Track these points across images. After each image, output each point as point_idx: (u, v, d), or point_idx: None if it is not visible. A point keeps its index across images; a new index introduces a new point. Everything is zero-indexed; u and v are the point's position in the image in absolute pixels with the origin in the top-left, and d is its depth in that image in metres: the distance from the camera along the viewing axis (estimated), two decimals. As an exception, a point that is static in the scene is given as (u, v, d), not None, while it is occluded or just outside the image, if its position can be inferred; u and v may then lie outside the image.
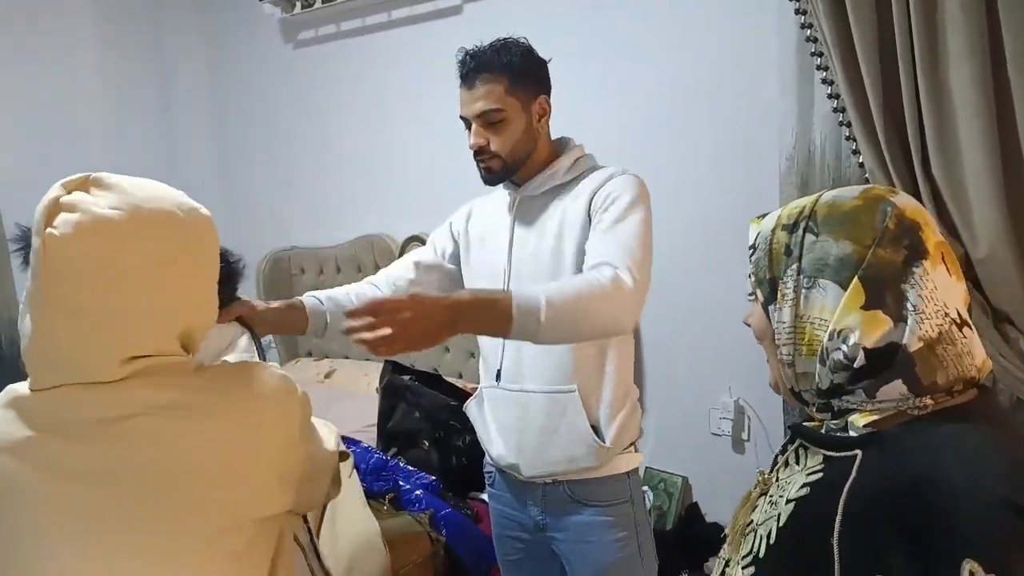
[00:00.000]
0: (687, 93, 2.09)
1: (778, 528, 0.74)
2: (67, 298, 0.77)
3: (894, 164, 1.59)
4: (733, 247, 2.05)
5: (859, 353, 0.69)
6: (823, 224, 0.73)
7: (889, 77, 1.57)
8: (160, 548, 0.79)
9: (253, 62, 3.10)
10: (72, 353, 0.78)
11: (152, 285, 0.79)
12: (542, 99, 1.36)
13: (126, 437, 0.78)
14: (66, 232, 0.76)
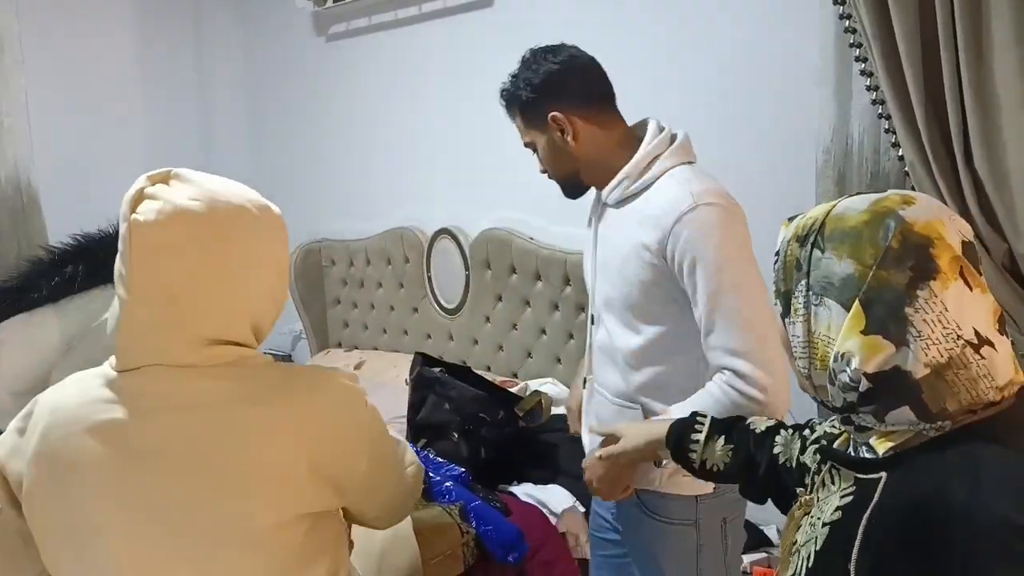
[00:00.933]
0: (723, 85, 2.07)
1: (815, 551, 0.72)
2: (149, 280, 0.83)
3: (935, 157, 1.55)
4: (767, 243, 2.02)
5: (861, 378, 0.67)
6: (829, 239, 0.70)
7: (930, 67, 1.53)
8: (213, 537, 0.84)
9: (286, 55, 3.14)
10: (153, 333, 0.84)
11: (226, 272, 0.85)
12: (552, 117, 1.29)
13: (199, 423, 0.83)
14: (149, 218, 0.82)
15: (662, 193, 1.24)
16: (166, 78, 3.18)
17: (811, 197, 1.84)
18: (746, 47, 2.01)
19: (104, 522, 0.84)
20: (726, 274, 1.17)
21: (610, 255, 1.33)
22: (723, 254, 1.18)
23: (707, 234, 1.18)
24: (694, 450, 1.02)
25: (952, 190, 1.55)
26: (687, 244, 1.18)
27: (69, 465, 0.84)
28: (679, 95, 2.14)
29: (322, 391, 0.90)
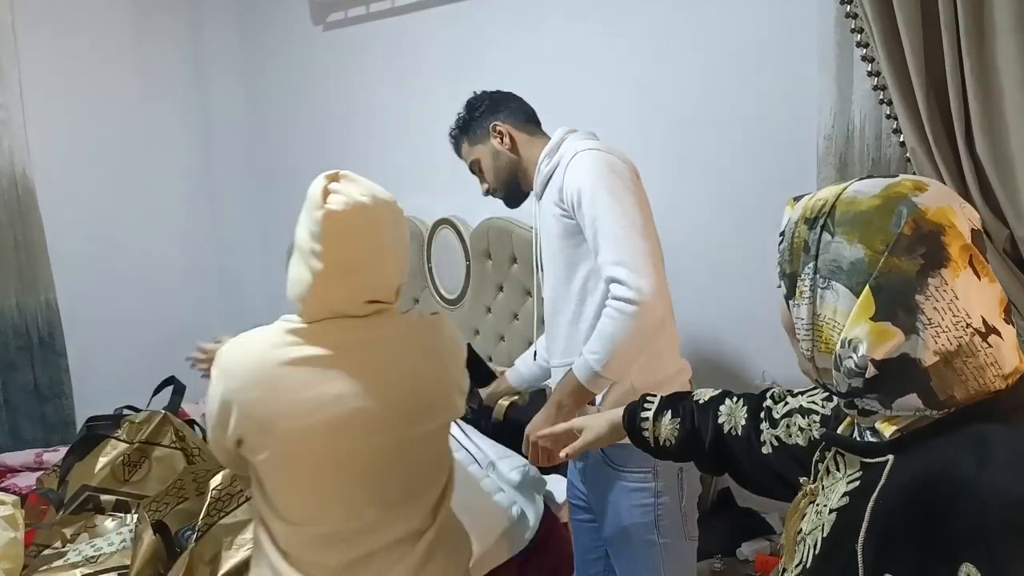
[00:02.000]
0: (723, 70, 2.06)
1: (823, 538, 0.72)
2: (338, 255, 1.10)
3: (937, 143, 1.55)
4: (768, 229, 2.01)
5: (868, 364, 0.66)
6: (839, 223, 0.69)
7: (932, 53, 1.52)
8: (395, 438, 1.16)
9: (283, 44, 3.12)
10: (339, 294, 1.13)
11: (388, 250, 1.15)
12: (493, 126, 1.59)
13: (374, 351, 1.17)
14: (338, 208, 1.10)
15: (561, 159, 1.50)
16: (163, 68, 3.16)
17: (812, 183, 1.83)
18: (746, 32, 2.00)
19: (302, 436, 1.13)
20: (602, 200, 1.40)
21: (544, 234, 1.55)
22: (601, 184, 1.41)
23: (586, 171, 1.43)
24: (645, 428, 1.10)
25: (954, 176, 1.54)
26: (572, 183, 1.43)
27: (272, 392, 1.13)
28: (679, 81, 2.13)
29: (442, 325, 1.25)
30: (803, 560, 0.74)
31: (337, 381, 1.13)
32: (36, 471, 2.31)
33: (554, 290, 1.53)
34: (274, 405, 1.12)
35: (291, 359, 1.13)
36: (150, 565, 1.59)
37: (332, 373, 1.13)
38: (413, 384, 1.18)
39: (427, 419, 1.19)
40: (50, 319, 2.78)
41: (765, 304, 2.15)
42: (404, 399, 1.17)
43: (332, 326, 1.15)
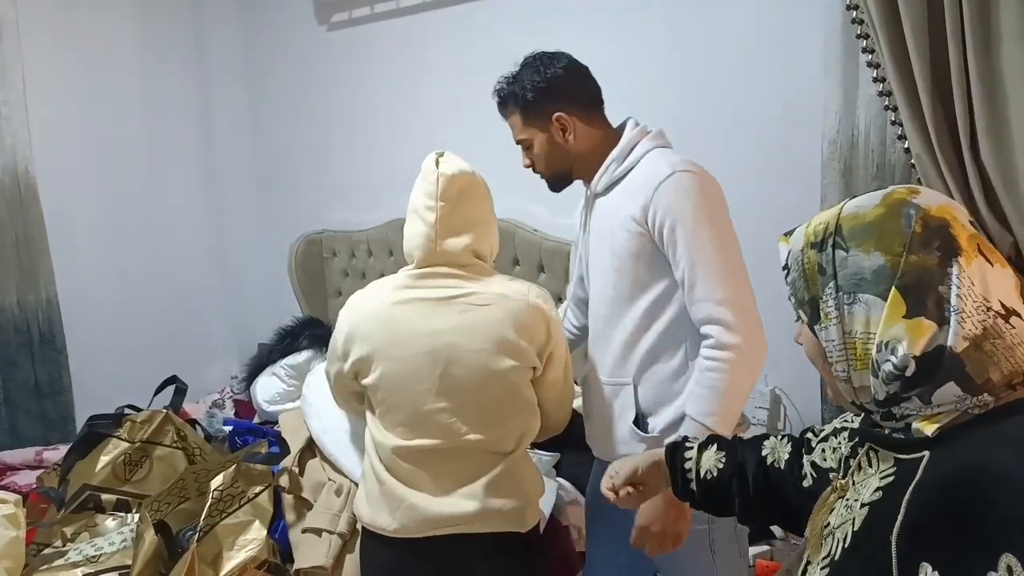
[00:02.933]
0: (728, 75, 2.06)
1: (853, 532, 0.73)
2: (447, 210, 1.39)
3: (941, 149, 1.55)
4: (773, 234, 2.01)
5: (909, 362, 0.68)
6: (850, 238, 0.72)
7: (938, 59, 1.53)
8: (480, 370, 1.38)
9: (287, 44, 3.11)
10: (447, 245, 1.39)
11: (486, 212, 1.45)
12: (557, 117, 1.43)
13: (468, 299, 1.39)
14: (450, 171, 1.40)
15: (643, 168, 1.38)
16: (166, 66, 3.15)
17: (816, 188, 1.83)
18: (752, 37, 2.00)
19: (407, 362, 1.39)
20: (704, 232, 1.29)
21: (601, 238, 1.45)
22: (701, 214, 1.30)
23: (685, 196, 1.30)
24: (689, 458, 1.06)
25: (958, 182, 1.54)
26: (667, 207, 1.30)
27: (386, 324, 1.41)
28: (684, 85, 2.13)
29: (521, 286, 1.44)
30: (831, 553, 0.75)
31: (437, 319, 1.38)
32: (36, 469, 2.30)
33: (612, 304, 1.42)
34: (387, 335, 1.40)
35: (402, 300, 1.41)
36: (151, 565, 1.59)
37: (433, 312, 1.38)
38: (493, 330, 1.37)
39: (503, 360, 1.38)
40: (51, 316, 2.77)
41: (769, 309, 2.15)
42: (486, 340, 1.37)
43: (439, 274, 1.40)
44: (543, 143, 1.46)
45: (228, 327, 3.38)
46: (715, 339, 1.28)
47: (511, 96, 1.46)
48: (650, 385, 1.40)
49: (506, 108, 1.49)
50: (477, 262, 1.42)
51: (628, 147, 1.41)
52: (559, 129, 1.43)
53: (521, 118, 1.46)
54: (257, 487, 1.73)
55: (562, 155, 1.46)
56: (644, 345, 1.39)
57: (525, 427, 1.45)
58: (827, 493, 0.81)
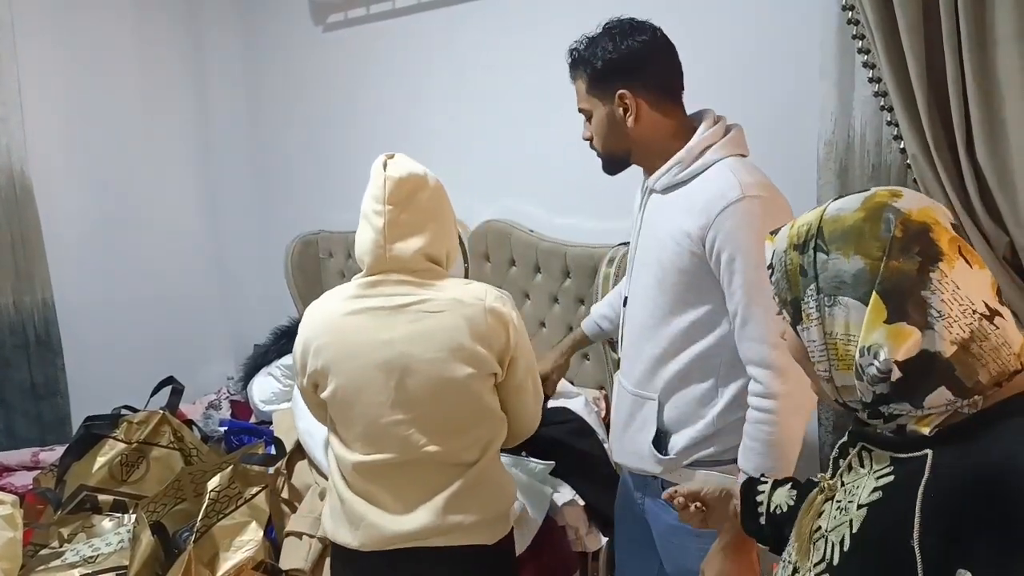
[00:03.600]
0: (722, 76, 2.06)
1: (852, 534, 0.72)
2: (395, 214, 1.33)
3: (937, 149, 1.55)
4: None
5: (892, 367, 0.68)
6: (831, 241, 0.72)
7: (933, 60, 1.53)
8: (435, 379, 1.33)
9: (283, 45, 3.11)
10: (396, 250, 1.33)
11: (437, 214, 1.38)
12: (620, 94, 1.30)
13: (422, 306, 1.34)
14: (395, 174, 1.35)
15: (711, 182, 1.26)
16: (162, 68, 3.14)
17: (812, 189, 1.84)
18: (748, 38, 2.00)
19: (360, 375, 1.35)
20: (757, 281, 1.18)
21: (651, 241, 1.35)
22: (759, 263, 1.17)
23: (750, 226, 1.19)
24: (761, 491, 1.04)
25: (954, 183, 1.55)
26: (729, 234, 1.20)
27: (338, 336, 1.36)
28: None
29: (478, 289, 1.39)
30: (827, 557, 0.75)
31: (388, 328, 1.34)
32: (33, 470, 2.30)
33: (651, 316, 1.34)
34: (339, 348, 1.36)
35: (353, 310, 1.36)
36: (148, 566, 1.59)
37: (385, 321, 1.34)
38: (447, 338, 1.33)
39: (460, 368, 1.33)
40: (47, 317, 2.77)
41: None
42: (441, 348, 1.33)
43: (389, 281, 1.35)
44: (602, 118, 1.34)
45: (224, 328, 3.37)
46: (764, 386, 1.21)
47: (581, 61, 1.35)
48: (675, 405, 1.34)
49: (575, 71, 1.37)
50: (431, 267, 1.37)
51: (698, 150, 1.29)
52: (622, 107, 1.31)
53: (586, 86, 1.35)
54: (254, 488, 1.73)
55: (620, 136, 1.33)
56: (675, 365, 1.32)
57: (490, 436, 1.41)
58: (814, 495, 0.81)
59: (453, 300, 1.35)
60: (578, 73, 1.36)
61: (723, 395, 1.30)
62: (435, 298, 1.34)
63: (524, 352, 1.42)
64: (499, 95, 2.50)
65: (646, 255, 1.37)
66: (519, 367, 1.42)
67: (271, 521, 1.77)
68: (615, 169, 1.42)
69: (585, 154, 1.48)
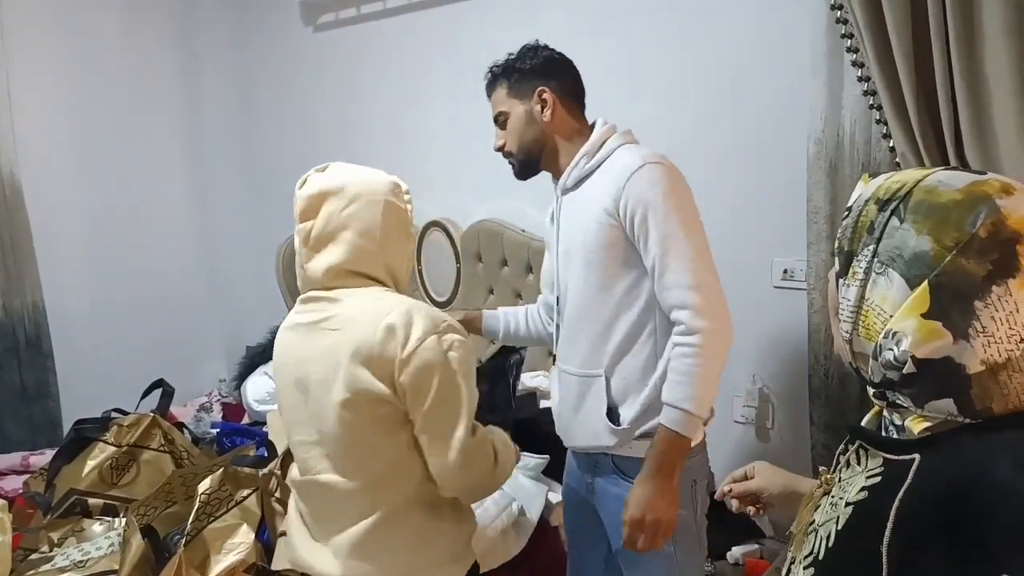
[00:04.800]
0: (712, 76, 2.06)
1: (836, 531, 0.71)
2: (305, 232, 1.26)
3: (926, 147, 1.56)
4: (760, 233, 2.03)
5: (908, 360, 0.64)
6: (913, 210, 0.65)
7: (922, 58, 1.53)
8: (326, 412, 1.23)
9: (275, 46, 3.10)
10: (308, 267, 1.26)
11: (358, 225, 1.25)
12: (541, 91, 1.44)
13: (330, 324, 1.24)
14: (307, 191, 1.27)
15: (615, 162, 1.40)
16: (153, 68, 3.13)
17: (802, 188, 1.84)
18: (737, 37, 2.01)
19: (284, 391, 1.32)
20: (674, 220, 1.32)
21: (574, 232, 1.44)
22: (671, 203, 1.33)
23: (655, 185, 1.33)
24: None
25: None
26: (639, 196, 1.33)
27: (277, 351, 1.34)
28: (670, 85, 2.14)
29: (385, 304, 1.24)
30: (815, 551, 0.73)
31: (303, 346, 1.28)
32: (23, 474, 2.28)
33: (582, 296, 1.43)
34: (276, 363, 1.36)
35: (286, 325, 1.34)
36: (138, 569, 1.58)
37: (302, 339, 1.28)
38: (335, 359, 1.21)
39: (343, 393, 1.20)
40: (37, 320, 2.76)
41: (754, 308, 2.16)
42: (330, 370, 1.22)
43: (312, 298, 1.29)
44: (520, 116, 1.46)
45: (216, 330, 3.36)
46: (686, 325, 1.31)
47: (504, 72, 1.48)
48: (621, 377, 1.41)
49: (495, 83, 1.49)
50: (350, 281, 1.26)
51: (599, 142, 1.43)
52: (540, 103, 1.45)
53: (507, 89, 1.47)
54: (245, 490, 1.72)
55: (536, 133, 1.46)
56: (616, 336, 1.40)
57: (399, 475, 1.23)
58: (813, 488, 0.79)
59: (349, 318, 1.22)
60: (499, 83, 1.49)
61: (662, 362, 1.37)
62: (337, 315, 1.24)
63: (441, 390, 1.19)
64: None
65: (569, 249, 1.45)
66: (427, 407, 1.19)
67: (263, 523, 1.76)
68: (528, 172, 1.51)
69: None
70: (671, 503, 1.31)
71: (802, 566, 0.75)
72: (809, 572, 0.73)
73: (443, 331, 1.21)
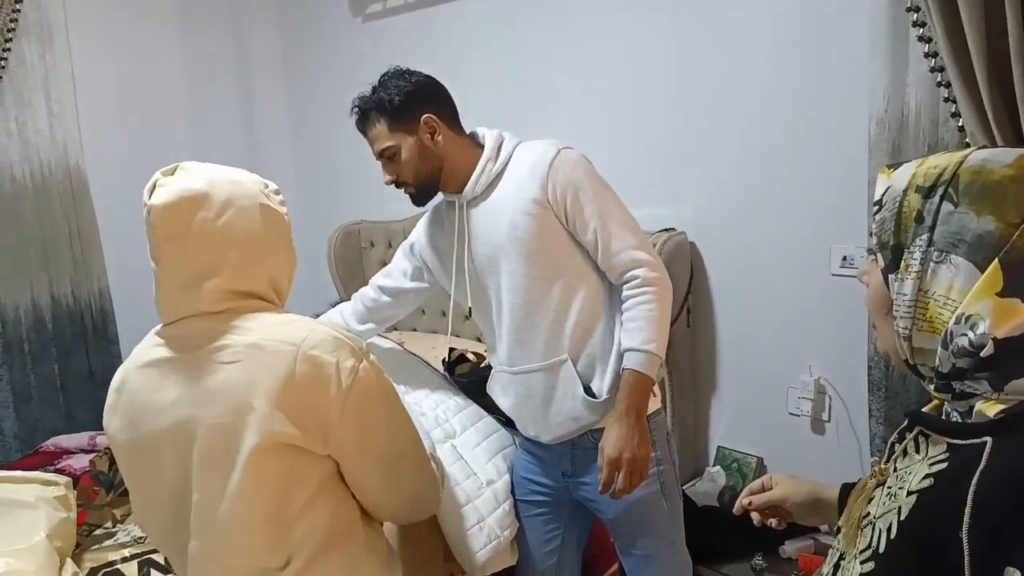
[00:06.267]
0: (771, 54, 1.99)
1: (899, 522, 0.68)
2: (164, 251, 1.04)
3: (999, 126, 1.47)
4: (817, 218, 1.95)
5: (988, 342, 0.62)
6: (965, 193, 0.64)
7: (994, 31, 1.44)
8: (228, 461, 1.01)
9: (324, 37, 3.14)
10: (175, 293, 1.05)
11: (227, 239, 1.04)
12: (426, 119, 1.45)
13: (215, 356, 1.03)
14: (160, 201, 1.04)
15: (526, 157, 1.45)
16: (207, 62, 3.21)
17: (863, 170, 1.76)
18: (794, 13, 1.93)
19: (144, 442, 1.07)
20: (603, 194, 1.42)
21: (493, 238, 1.46)
22: (595, 179, 1.43)
23: (577, 166, 1.42)
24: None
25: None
26: (566, 179, 1.40)
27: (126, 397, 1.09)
28: (724, 66, 2.07)
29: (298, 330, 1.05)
30: (873, 544, 0.70)
31: (175, 386, 1.04)
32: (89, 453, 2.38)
33: (528, 291, 1.44)
34: (130, 408, 1.08)
35: (144, 362, 1.08)
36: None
37: (173, 377, 1.05)
38: (236, 397, 1.01)
39: (252, 437, 1.00)
40: (103, 307, 2.87)
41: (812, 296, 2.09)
42: (227, 411, 1.01)
43: (183, 326, 1.06)
44: (412, 148, 1.46)
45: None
46: (642, 278, 1.39)
47: (376, 104, 1.46)
48: (587, 354, 1.45)
49: (367, 119, 1.48)
50: (231, 304, 1.05)
51: (496, 146, 1.48)
52: (428, 132, 1.46)
53: (388, 124, 1.46)
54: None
55: (431, 159, 1.47)
56: (572, 318, 1.44)
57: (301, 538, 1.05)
58: (865, 480, 0.76)
59: (251, 346, 1.01)
60: (375, 118, 1.47)
61: (618, 330, 1.44)
62: (234, 344, 1.02)
63: (391, 420, 1.09)
64: (542, 81, 2.47)
65: (495, 254, 1.46)
66: (361, 446, 1.06)
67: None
68: (427, 198, 1.53)
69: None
70: (643, 441, 1.38)
71: (859, 560, 0.72)
72: (868, 566, 0.70)
73: (366, 353, 1.06)
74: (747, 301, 2.12)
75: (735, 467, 2.19)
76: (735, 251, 2.12)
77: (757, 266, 2.08)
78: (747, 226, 2.09)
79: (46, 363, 2.77)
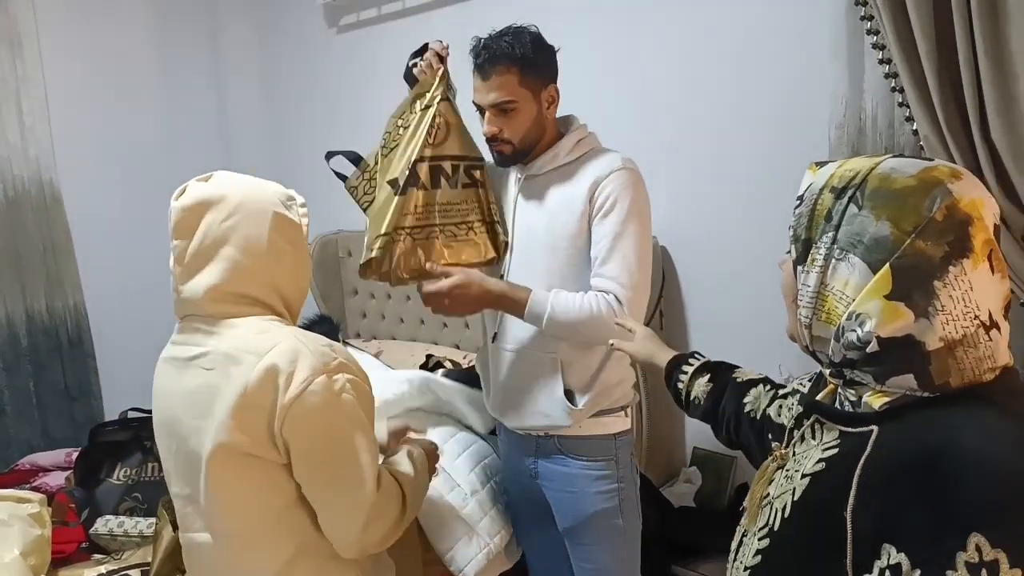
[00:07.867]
0: (731, 60, 2.03)
1: (793, 502, 0.74)
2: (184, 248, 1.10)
3: (950, 130, 1.51)
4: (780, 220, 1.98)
5: (872, 340, 0.67)
6: (870, 197, 0.68)
7: (944, 37, 1.49)
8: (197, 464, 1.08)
9: (299, 48, 3.15)
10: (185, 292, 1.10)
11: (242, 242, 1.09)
12: (552, 88, 1.47)
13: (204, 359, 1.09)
14: (183, 203, 1.11)
15: (596, 158, 1.47)
16: (182, 72, 3.21)
17: (824, 175, 1.80)
18: (756, 21, 1.97)
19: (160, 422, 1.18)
20: (631, 225, 1.42)
21: (534, 216, 1.49)
22: (634, 208, 1.43)
23: (627, 188, 1.43)
24: (682, 379, 1.17)
25: (968, 163, 1.51)
26: (613, 191, 1.42)
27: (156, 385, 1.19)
28: (689, 69, 2.11)
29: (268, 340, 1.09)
30: (770, 523, 0.76)
31: (174, 382, 1.13)
32: (66, 470, 2.37)
33: (541, 280, 1.45)
34: (154, 395, 1.19)
35: (164, 355, 1.19)
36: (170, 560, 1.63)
37: (173, 374, 1.14)
38: (207, 403, 1.05)
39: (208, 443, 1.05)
40: (78, 321, 2.85)
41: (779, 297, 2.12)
42: (200, 416, 1.06)
43: (187, 325, 1.14)
44: (531, 110, 1.44)
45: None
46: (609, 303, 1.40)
47: (509, 53, 1.40)
48: (581, 364, 1.47)
49: (496, 64, 1.40)
50: (235, 306, 1.10)
51: (576, 139, 1.49)
52: (548, 101, 1.46)
53: (519, 79, 1.41)
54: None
55: (539, 128, 1.47)
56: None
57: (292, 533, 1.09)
58: (767, 463, 0.82)
59: (225, 355, 1.05)
60: (506, 67, 1.41)
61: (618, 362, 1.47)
62: (212, 351, 1.07)
63: (333, 443, 1.06)
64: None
65: (530, 230, 1.50)
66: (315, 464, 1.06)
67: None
68: (514, 162, 1.52)
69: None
70: (474, 308, 1.45)
71: (757, 537, 0.77)
72: (764, 543, 0.76)
73: (334, 370, 1.04)
74: (717, 302, 2.16)
75: (712, 467, 2.22)
76: (705, 254, 2.15)
77: (726, 268, 2.12)
78: (716, 229, 2.12)
79: (20, 378, 2.75)
